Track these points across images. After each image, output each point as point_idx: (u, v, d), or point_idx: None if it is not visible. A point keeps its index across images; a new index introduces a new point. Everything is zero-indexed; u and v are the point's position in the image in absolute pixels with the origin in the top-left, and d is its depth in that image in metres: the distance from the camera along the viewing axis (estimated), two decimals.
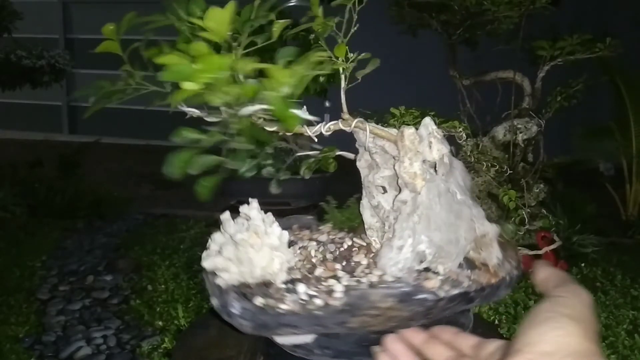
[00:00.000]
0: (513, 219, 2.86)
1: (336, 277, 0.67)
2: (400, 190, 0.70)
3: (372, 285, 0.63)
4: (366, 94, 0.69)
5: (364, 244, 0.78)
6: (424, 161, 0.68)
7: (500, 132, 3.04)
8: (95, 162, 5.90)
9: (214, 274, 0.68)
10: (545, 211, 2.95)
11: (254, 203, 0.71)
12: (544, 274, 0.49)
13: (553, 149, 3.16)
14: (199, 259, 0.73)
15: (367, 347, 0.63)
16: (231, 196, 4.44)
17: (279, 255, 0.65)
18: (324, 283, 0.65)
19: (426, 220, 0.66)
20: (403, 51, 6.23)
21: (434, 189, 0.68)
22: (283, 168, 0.76)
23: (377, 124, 0.74)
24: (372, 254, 0.74)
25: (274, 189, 0.79)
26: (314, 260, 0.73)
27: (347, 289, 0.62)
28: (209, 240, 0.71)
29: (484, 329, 0.94)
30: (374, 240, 0.76)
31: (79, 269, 3.24)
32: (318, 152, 0.80)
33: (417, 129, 0.69)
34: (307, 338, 0.67)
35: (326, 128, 0.71)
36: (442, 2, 2.83)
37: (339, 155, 0.81)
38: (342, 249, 0.77)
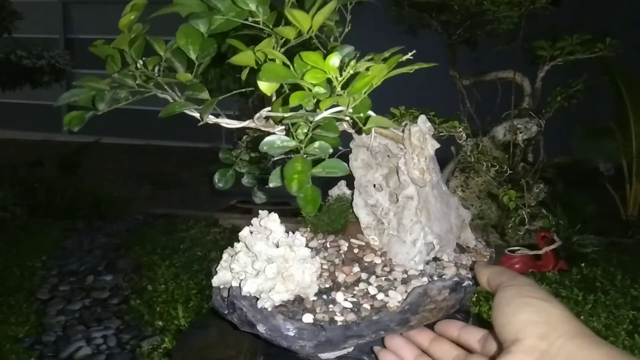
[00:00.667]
0: (513, 219, 2.86)
1: (362, 280, 0.66)
2: (401, 187, 0.70)
3: (404, 282, 0.64)
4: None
5: (362, 243, 0.78)
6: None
7: (500, 132, 3.04)
8: (95, 162, 5.91)
9: (247, 298, 0.62)
10: (545, 211, 2.95)
11: (274, 215, 0.68)
12: (487, 273, 0.52)
13: (553, 149, 3.16)
14: (199, 259, 0.72)
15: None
16: (231, 196, 4.45)
17: (309, 267, 0.63)
18: (356, 288, 0.64)
19: (427, 213, 0.69)
20: (403, 51, 6.22)
21: (424, 190, 0.71)
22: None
23: None
24: (379, 252, 0.74)
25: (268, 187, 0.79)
26: (325, 266, 0.71)
27: (409, 289, 0.62)
28: (225, 258, 0.67)
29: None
30: (372, 239, 0.76)
31: (79, 269, 3.24)
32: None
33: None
34: (350, 347, 0.64)
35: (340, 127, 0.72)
36: (442, 2, 2.83)
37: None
38: (343, 252, 0.76)
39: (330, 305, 0.61)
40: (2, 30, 4.94)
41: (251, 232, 0.67)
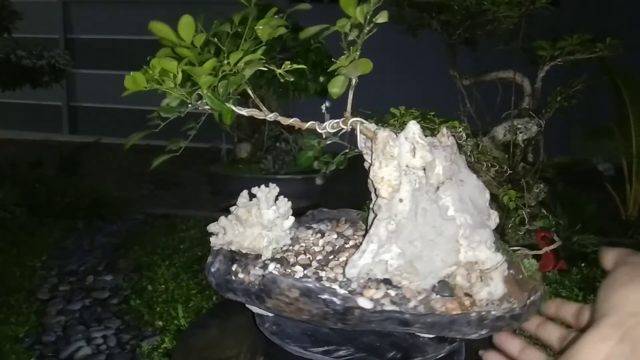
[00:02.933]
0: (513, 219, 2.86)
1: (305, 265, 0.72)
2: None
3: (317, 279, 0.67)
4: (367, 94, 0.69)
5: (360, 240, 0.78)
6: (407, 167, 0.65)
7: (500, 132, 3.04)
8: (95, 162, 5.90)
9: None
10: (545, 211, 2.95)
11: (271, 188, 0.79)
12: (615, 253, 0.49)
13: (553, 149, 3.16)
14: (199, 259, 0.75)
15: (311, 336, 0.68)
16: (231, 196, 4.45)
17: (267, 234, 0.75)
18: (294, 266, 0.71)
19: (402, 231, 0.63)
20: (403, 51, 6.23)
21: (420, 199, 0.64)
22: (332, 162, 0.82)
23: (377, 124, 0.73)
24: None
25: (319, 181, 0.89)
26: (313, 249, 0.77)
27: (267, 273, 0.69)
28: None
29: None
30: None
31: (79, 269, 3.24)
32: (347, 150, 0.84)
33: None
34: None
35: (330, 126, 0.72)
36: (442, 2, 2.83)
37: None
38: (347, 245, 0.77)
39: (258, 268, 0.72)
40: (2, 30, 4.94)
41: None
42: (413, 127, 0.66)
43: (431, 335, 0.66)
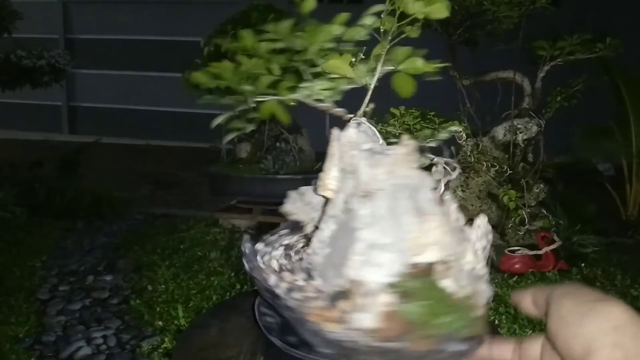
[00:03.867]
0: (513, 219, 2.86)
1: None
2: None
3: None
4: (365, 94, 0.69)
5: None
6: (343, 169, 0.63)
7: (500, 132, 3.04)
8: (95, 162, 5.90)
9: None
10: (545, 211, 2.95)
11: None
12: (529, 293, 0.48)
13: (553, 149, 3.16)
14: (199, 259, 0.74)
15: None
16: (231, 196, 4.45)
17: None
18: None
19: (335, 231, 0.62)
20: None
21: (350, 204, 0.62)
22: None
23: (377, 123, 0.73)
24: None
25: None
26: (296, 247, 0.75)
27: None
28: None
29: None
30: None
31: (79, 269, 3.24)
32: None
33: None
34: None
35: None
36: None
37: None
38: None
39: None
40: (2, 30, 4.94)
41: None
42: (351, 130, 0.65)
43: None
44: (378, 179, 0.60)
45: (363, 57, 0.67)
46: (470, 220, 0.66)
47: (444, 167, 0.77)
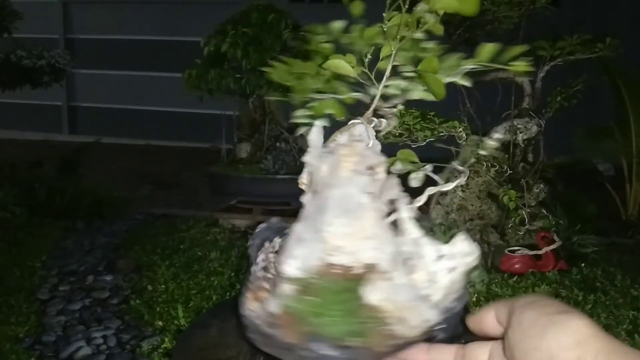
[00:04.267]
0: (513, 219, 2.86)
1: None
2: None
3: None
4: None
5: None
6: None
7: (500, 132, 3.04)
8: (95, 162, 5.91)
9: None
10: (545, 211, 2.95)
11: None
12: (492, 308, 0.46)
13: (553, 149, 3.16)
14: (199, 259, 0.73)
15: None
16: (231, 196, 4.45)
17: None
18: None
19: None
20: None
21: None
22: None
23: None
24: None
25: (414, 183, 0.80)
26: None
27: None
28: None
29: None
30: None
31: (79, 269, 3.24)
32: None
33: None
34: None
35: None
36: None
37: None
38: None
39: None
40: (2, 30, 4.94)
41: None
42: (315, 129, 0.67)
43: None
44: (320, 177, 0.62)
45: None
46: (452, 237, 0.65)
47: (454, 170, 0.78)
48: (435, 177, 0.68)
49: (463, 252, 0.58)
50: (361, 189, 0.62)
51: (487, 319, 0.47)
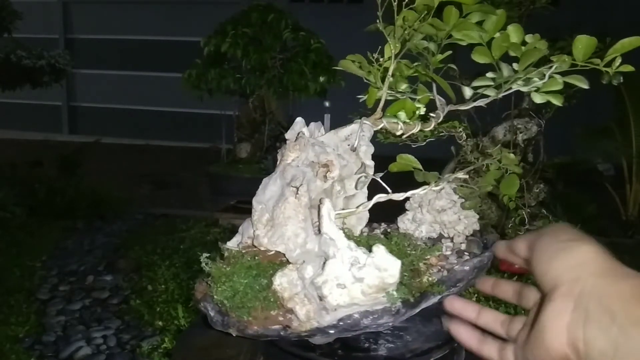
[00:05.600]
0: (513, 219, 2.86)
1: None
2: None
3: None
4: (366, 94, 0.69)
5: None
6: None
7: (500, 132, 3.04)
8: (95, 162, 5.90)
9: None
10: (545, 211, 2.95)
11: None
12: (523, 239, 0.50)
13: (553, 149, 3.16)
14: (199, 259, 0.74)
15: None
16: (231, 196, 4.45)
17: None
18: None
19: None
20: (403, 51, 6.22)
21: None
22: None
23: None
24: None
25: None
26: None
27: None
28: None
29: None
30: None
31: (79, 269, 3.24)
32: None
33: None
34: None
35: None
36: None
37: None
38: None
39: None
40: (2, 30, 4.94)
41: None
42: (297, 124, 0.70)
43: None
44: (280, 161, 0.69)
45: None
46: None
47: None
48: (384, 184, 0.68)
49: (379, 266, 0.55)
50: (287, 182, 0.64)
51: (516, 248, 0.50)
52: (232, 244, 0.68)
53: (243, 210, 4.05)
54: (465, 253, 0.71)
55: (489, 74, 0.66)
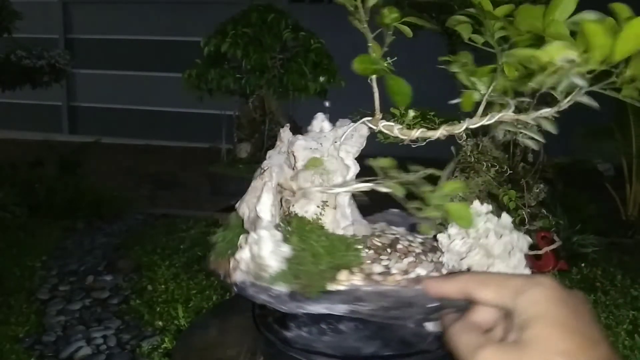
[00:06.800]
0: (513, 219, 2.86)
1: None
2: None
3: None
4: (366, 94, 0.69)
5: None
6: None
7: (500, 132, 3.03)
8: (95, 162, 5.91)
9: None
10: (545, 211, 2.95)
11: None
12: (461, 278, 0.50)
13: (553, 149, 3.16)
14: (199, 259, 0.74)
15: None
16: (231, 196, 4.46)
17: None
18: None
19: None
20: (403, 51, 6.23)
21: None
22: None
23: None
24: None
25: None
26: None
27: None
28: None
29: None
30: None
31: (79, 269, 3.24)
32: None
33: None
34: None
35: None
36: (442, 2, 2.83)
37: None
38: None
39: None
40: (2, 30, 4.94)
41: None
42: (317, 118, 0.76)
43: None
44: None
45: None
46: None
47: None
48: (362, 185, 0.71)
49: (257, 254, 0.65)
50: (266, 165, 0.78)
51: (450, 288, 0.51)
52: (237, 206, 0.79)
53: None
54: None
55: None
